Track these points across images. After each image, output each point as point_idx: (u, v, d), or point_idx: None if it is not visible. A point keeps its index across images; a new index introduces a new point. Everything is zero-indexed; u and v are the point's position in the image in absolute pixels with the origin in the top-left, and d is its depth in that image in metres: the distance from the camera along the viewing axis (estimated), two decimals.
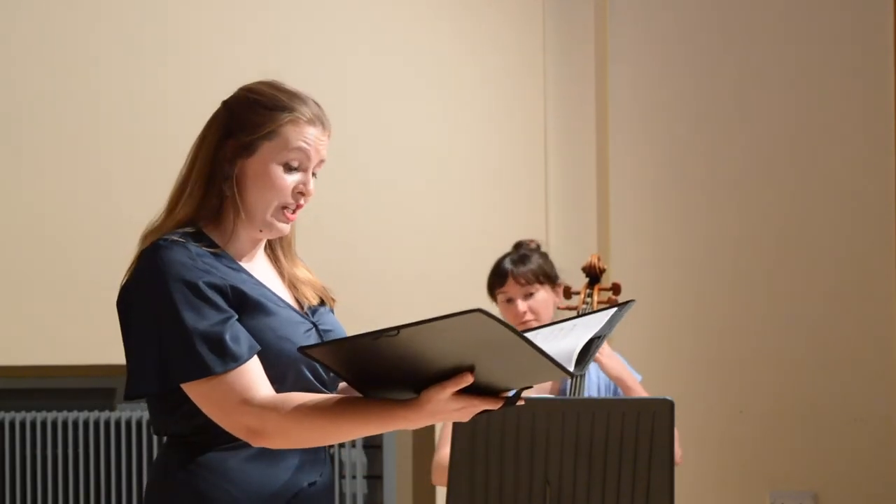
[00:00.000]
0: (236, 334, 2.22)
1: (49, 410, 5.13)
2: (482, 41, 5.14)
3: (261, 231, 2.35)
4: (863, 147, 4.95)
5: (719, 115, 5.00)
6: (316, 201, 2.32)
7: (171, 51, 5.02)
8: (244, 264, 2.35)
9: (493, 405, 2.07)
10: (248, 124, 2.33)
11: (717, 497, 4.95)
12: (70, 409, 5.13)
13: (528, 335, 2.20)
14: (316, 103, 2.40)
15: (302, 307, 2.39)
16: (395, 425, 2.11)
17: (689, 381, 4.90)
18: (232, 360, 2.19)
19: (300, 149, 2.33)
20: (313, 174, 2.38)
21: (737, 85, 5.00)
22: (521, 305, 3.85)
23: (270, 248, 2.45)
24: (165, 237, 2.27)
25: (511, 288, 3.86)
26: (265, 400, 2.18)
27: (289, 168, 2.33)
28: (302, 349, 2.10)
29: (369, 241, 5.07)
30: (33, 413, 5.11)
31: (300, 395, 2.19)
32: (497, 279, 3.90)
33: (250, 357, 2.21)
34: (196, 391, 2.22)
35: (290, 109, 2.34)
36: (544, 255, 3.94)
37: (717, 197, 4.99)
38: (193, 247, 2.27)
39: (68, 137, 5.04)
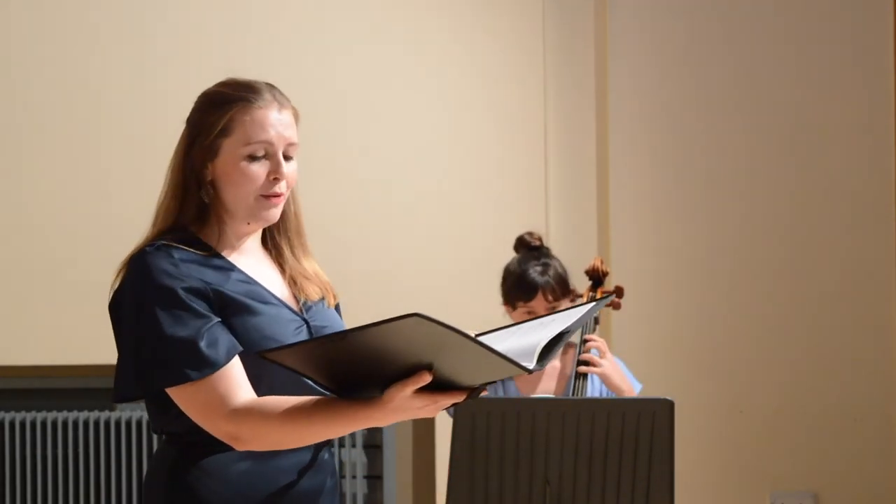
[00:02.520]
0: (214, 339, 2.22)
1: (49, 410, 5.13)
2: (482, 41, 5.14)
3: (248, 224, 2.35)
4: (863, 147, 4.95)
5: (719, 115, 5.00)
6: (316, 200, 2.32)
7: (173, 51, 5.02)
8: (236, 260, 2.35)
9: (457, 398, 2.09)
10: (204, 127, 2.33)
11: (717, 497, 4.95)
12: (70, 409, 5.13)
13: (502, 332, 2.23)
14: (269, 86, 2.36)
15: (298, 303, 2.38)
16: (363, 424, 2.13)
17: (689, 381, 4.90)
18: (207, 366, 2.20)
19: (259, 138, 2.30)
20: (288, 158, 2.34)
21: (737, 85, 5.00)
22: None
23: (273, 243, 2.44)
24: (152, 243, 2.29)
25: (538, 303, 3.81)
26: (241, 406, 2.20)
27: (255, 158, 2.31)
28: (262, 353, 2.10)
29: (369, 240, 5.07)
30: (33, 413, 5.11)
31: (275, 400, 2.20)
32: (523, 293, 3.81)
33: (228, 361, 2.22)
34: (177, 396, 2.24)
35: (238, 100, 2.32)
36: (560, 263, 3.89)
37: (717, 197, 4.99)
38: (178, 251, 2.28)
39: (68, 138, 5.04)
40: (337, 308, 2.49)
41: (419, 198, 5.11)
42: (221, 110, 2.32)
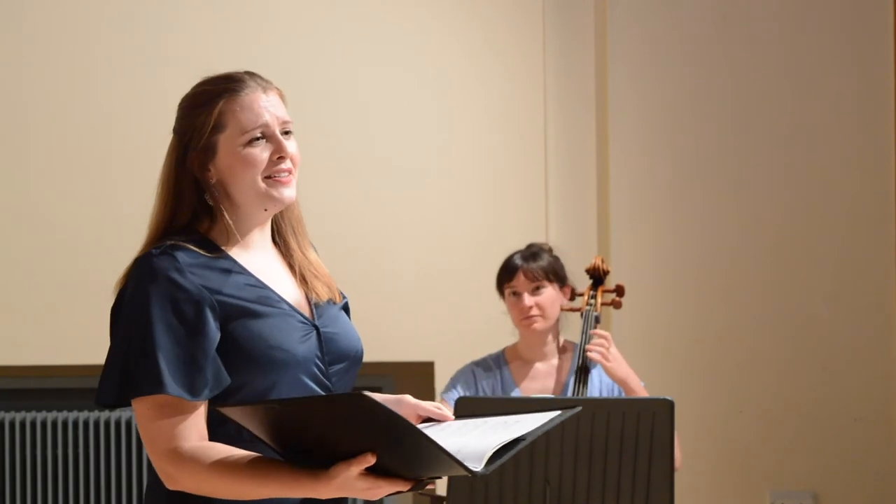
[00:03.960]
0: (200, 367, 2.17)
1: (49, 410, 5.13)
2: (482, 42, 5.14)
3: (266, 210, 2.31)
4: (862, 147, 4.95)
5: (719, 116, 5.00)
6: (318, 201, 2.32)
7: (178, 52, 5.02)
8: (246, 261, 2.30)
9: (402, 487, 2.07)
10: (195, 130, 2.29)
11: (717, 497, 4.95)
12: (70, 409, 5.14)
13: (470, 422, 2.22)
14: (249, 73, 2.34)
15: (310, 305, 2.34)
16: (306, 494, 2.10)
17: (688, 381, 4.90)
18: (188, 390, 2.16)
19: (255, 123, 2.27)
20: (286, 134, 2.31)
21: (737, 85, 5.00)
22: (528, 300, 3.86)
23: (280, 235, 2.39)
24: (158, 246, 2.24)
25: (519, 282, 3.88)
26: (186, 451, 2.15)
27: (255, 142, 2.27)
28: (217, 407, 2.09)
29: (371, 240, 5.07)
30: (33, 413, 5.11)
31: (220, 450, 2.15)
32: (506, 273, 3.92)
33: (201, 397, 2.17)
34: (138, 409, 2.19)
35: (222, 93, 2.29)
36: (555, 257, 3.96)
37: (717, 197, 4.99)
38: (184, 254, 2.23)
39: (70, 138, 5.04)
40: (346, 308, 2.44)
41: (419, 198, 5.11)
42: (209, 108, 2.29)
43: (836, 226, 4.95)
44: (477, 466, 2.01)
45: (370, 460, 2.01)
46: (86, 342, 4.89)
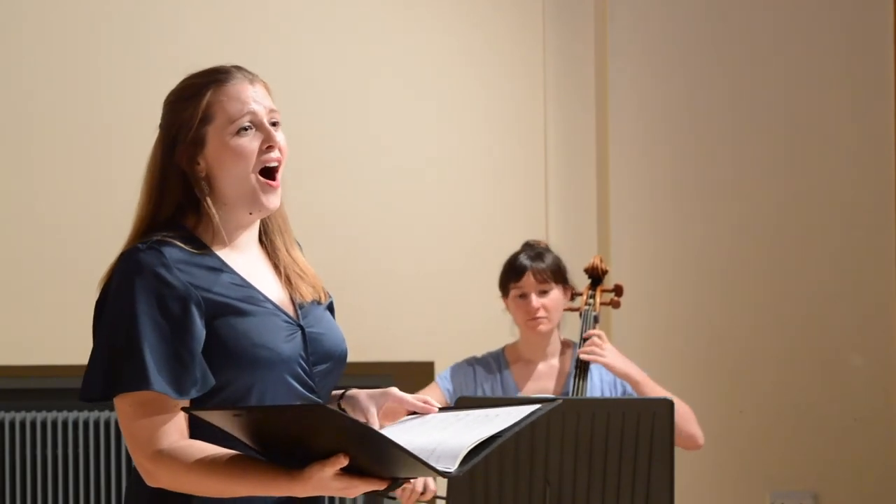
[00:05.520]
0: (185, 366, 2.17)
1: (49, 410, 5.13)
2: (482, 42, 5.15)
3: (250, 213, 2.30)
4: (862, 148, 4.95)
5: (719, 116, 5.00)
6: (320, 201, 2.31)
7: (174, 51, 5.02)
8: (231, 259, 2.29)
9: (378, 486, 2.08)
10: (183, 123, 2.29)
11: (717, 497, 4.95)
12: (70, 409, 5.14)
13: (449, 415, 2.22)
14: (235, 66, 2.34)
15: (294, 306, 2.33)
16: (284, 493, 2.11)
17: (688, 381, 4.89)
18: (173, 387, 2.15)
19: (242, 112, 2.27)
20: (274, 125, 2.30)
21: (737, 85, 5.00)
22: (535, 301, 3.85)
23: (267, 237, 2.38)
24: (144, 241, 2.23)
25: (527, 284, 3.86)
26: (166, 449, 2.14)
27: (244, 132, 2.26)
28: (187, 410, 2.10)
29: (371, 240, 5.08)
30: (33, 413, 5.11)
31: (200, 448, 2.15)
32: (513, 274, 3.88)
33: (184, 395, 2.16)
34: (120, 405, 2.18)
35: (209, 84, 2.29)
36: (557, 256, 3.94)
37: (717, 197, 4.99)
38: (170, 249, 2.21)
39: (71, 138, 5.05)
40: (331, 308, 2.43)
41: (419, 198, 5.11)
42: (196, 100, 2.28)
43: (836, 225, 4.95)
44: (450, 467, 2.01)
45: (343, 461, 2.02)
46: (86, 342, 4.88)
